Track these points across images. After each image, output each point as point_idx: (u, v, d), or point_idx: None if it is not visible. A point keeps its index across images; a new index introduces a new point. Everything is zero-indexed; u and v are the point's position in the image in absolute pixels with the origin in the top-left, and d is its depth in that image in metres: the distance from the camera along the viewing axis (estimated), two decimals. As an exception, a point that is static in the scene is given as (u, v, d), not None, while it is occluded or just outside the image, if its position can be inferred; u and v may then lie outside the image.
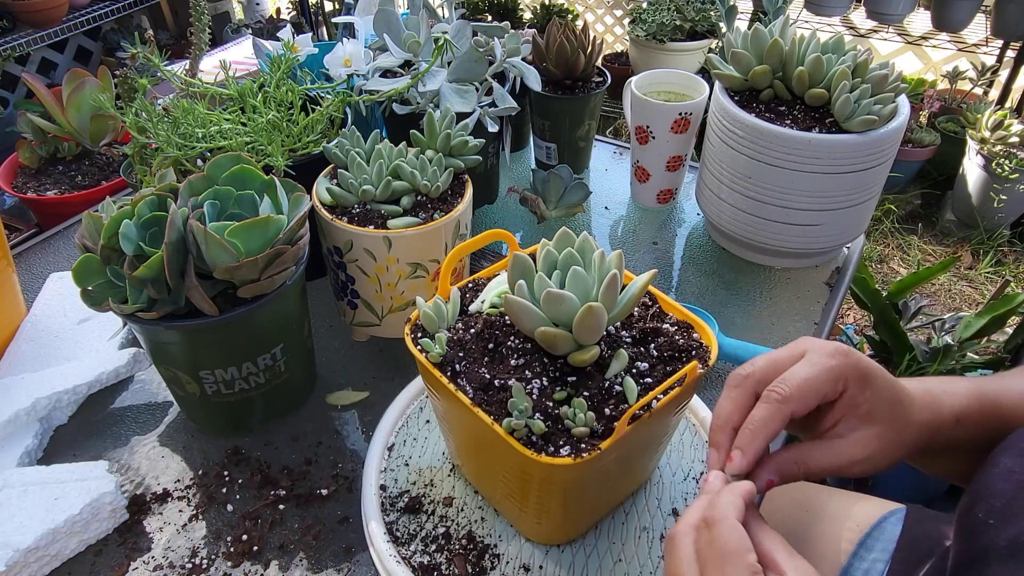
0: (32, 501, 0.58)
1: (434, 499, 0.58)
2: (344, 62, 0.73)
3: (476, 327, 0.51)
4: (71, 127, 1.21)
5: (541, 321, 0.46)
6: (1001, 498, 0.36)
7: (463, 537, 0.55)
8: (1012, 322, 1.30)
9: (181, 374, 0.62)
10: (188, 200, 0.59)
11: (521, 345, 0.50)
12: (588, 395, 0.47)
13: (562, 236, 0.50)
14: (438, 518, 0.57)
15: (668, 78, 0.95)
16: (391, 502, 0.58)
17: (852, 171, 0.75)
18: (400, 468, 0.61)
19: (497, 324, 0.52)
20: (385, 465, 0.61)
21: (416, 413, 0.65)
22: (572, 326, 0.46)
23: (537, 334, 0.46)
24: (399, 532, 0.56)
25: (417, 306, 0.51)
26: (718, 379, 0.74)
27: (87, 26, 2.24)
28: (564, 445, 0.44)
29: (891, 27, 2.43)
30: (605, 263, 0.48)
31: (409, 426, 0.64)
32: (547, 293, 0.45)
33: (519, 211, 0.98)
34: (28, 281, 0.89)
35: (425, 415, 0.65)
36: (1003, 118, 2.03)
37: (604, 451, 0.43)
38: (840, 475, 0.44)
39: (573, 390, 0.47)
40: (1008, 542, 0.34)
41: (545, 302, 0.45)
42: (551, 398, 0.46)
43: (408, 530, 0.56)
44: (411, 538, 0.55)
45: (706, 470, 0.44)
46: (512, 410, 0.45)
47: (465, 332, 0.51)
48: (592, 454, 0.43)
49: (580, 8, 2.92)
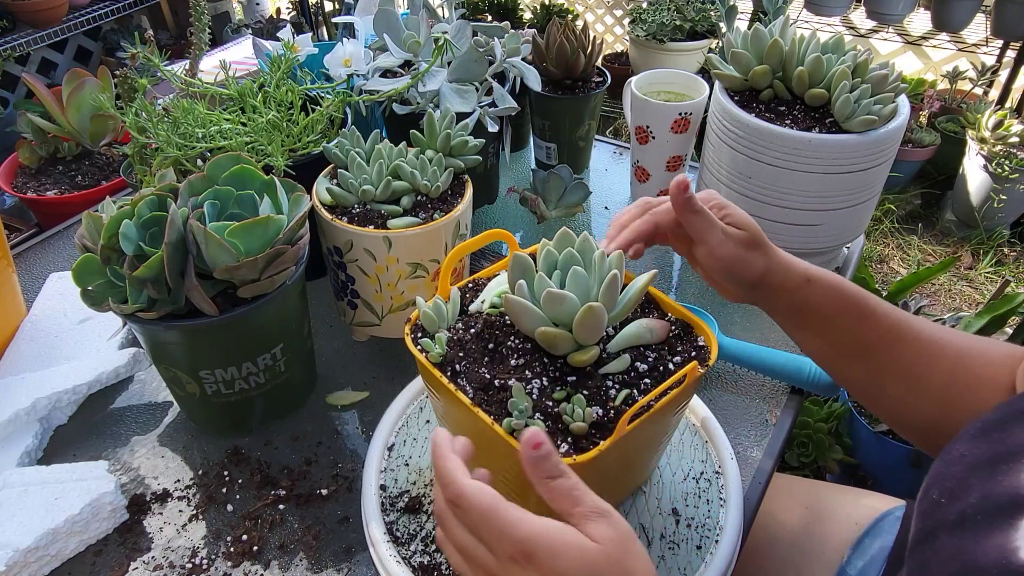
0: (32, 501, 0.58)
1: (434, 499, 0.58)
2: (344, 62, 0.73)
3: (476, 327, 0.51)
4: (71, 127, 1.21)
5: (541, 321, 0.46)
6: (952, 480, 0.39)
7: None
8: (1012, 322, 1.30)
9: (181, 374, 0.62)
10: (188, 200, 0.59)
11: (521, 345, 0.50)
12: (587, 394, 0.47)
13: (562, 236, 0.50)
14: None
15: (668, 78, 0.95)
16: (391, 502, 0.58)
17: (852, 171, 0.75)
18: (400, 468, 0.61)
19: (497, 324, 0.52)
20: (385, 465, 0.61)
21: (416, 413, 0.65)
22: (572, 326, 0.46)
23: (537, 334, 0.46)
24: (399, 532, 0.56)
25: (417, 306, 0.51)
26: (718, 379, 0.74)
27: (87, 26, 2.24)
28: (563, 444, 0.44)
29: (891, 27, 2.43)
30: (605, 263, 0.48)
31: (409, 426, 0.64)
32: (547, 293, 0.45)
33: (519, 211, 0.98)
34: (28, 281, 0.89)
35: (425, 415, 0.65)
36: (1003, 118, 2.03)
37: (604, 450, 0.43)
38: (702, 235, 0.52)
39: (572, 389, 0.47)
40: (956, 515, 0.37)
41: (545, 302, 0.46)
42: (551, 397, 0.46)
43: (408, 530, 0.56)
44: (411, 538, 0.55)
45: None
46: (512, 410, 0.45)
47: (465, 332, 0.51)
48: (592, 453, 0.43)
49: (580, 8, 2.92)
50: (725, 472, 0.60)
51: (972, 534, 0.35)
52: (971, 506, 0.36)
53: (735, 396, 0.72)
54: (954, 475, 0.39)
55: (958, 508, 0.37)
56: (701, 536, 0.56)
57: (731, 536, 0.55)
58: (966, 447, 0.40)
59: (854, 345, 0.54)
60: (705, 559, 0.54)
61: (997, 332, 1.29)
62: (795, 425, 1.00)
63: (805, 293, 0.54)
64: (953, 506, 0.38)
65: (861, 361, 0.55)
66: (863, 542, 0.68)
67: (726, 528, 0.56)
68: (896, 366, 0.53)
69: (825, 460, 1.33)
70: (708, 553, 0.55)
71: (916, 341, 0.53)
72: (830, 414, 1.38)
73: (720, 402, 0.72)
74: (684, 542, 0.56)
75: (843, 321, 0.54)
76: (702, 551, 0.55)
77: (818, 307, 0.54)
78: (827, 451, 1.33)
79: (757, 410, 0.71)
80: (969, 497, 0.37)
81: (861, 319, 0.54)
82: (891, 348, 0.53)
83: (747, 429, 0.69)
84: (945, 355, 0.52)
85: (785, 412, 0.70)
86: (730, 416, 0.70)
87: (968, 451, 0.40)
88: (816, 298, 0.54)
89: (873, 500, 0.73)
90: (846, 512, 0.72)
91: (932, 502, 0.40)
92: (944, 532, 0.37)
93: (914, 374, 0.53)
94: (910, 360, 0.53)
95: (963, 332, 0.55)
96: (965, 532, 0.36)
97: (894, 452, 1.30)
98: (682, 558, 0.55)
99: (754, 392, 0.73)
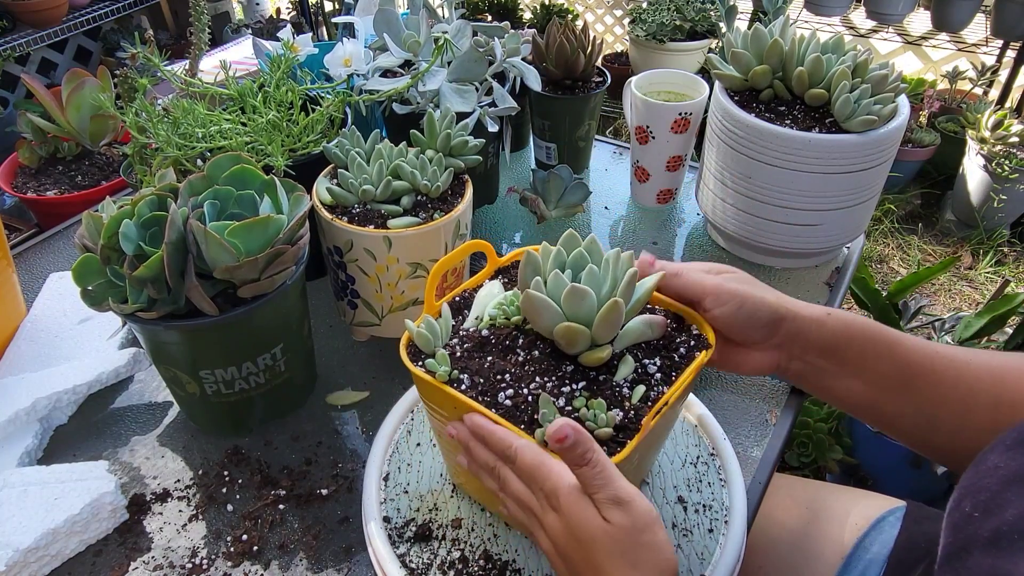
0: (32, 501, 0.58)
1: (442, 523, 0.56)
2: (344, 62, 0.73)
3: (472, 342, 0.51)
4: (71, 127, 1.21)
5: (560, 318, 0.47)
6: (986, 492, 0.38)
7: (480, 558, 0.54)
8: (1012, 322, 1.30)
9: (181, 374, 0.62)
10: (188, 200, 0.59)
11: (527, 356, 0.49)
12: (606, 397, 0.47)
13: (569, 237, 0.50)
14: (450, 542, 0.55)
15: (668, 78, 0.95)
16: (398, 533, 0.56)
17: (852, 171, 0.75)
18: (400, 496, 0.58)
19: (494, 337, 0.51)
20: (387, 469, 0.60)
21: (422, 415, 0.65)
22: (593, 322, 0.46)
23: (557, 331, 0.47)
24: (413, 564, 0.54)
25: (408, 329, 0.50)
26: (718, 378, 0.74)
27: (87, 26, 2.24)
28: None
29: (891, 27, 2.43)
30: (620, 261, 0.48)
31: (413, 431, 0.64)
32: (571, 288, 0.45)
33: (519, 211, 0.98)
34: (28, 281, 0.89)
35: (415, 438, 0.63)
36: (1003, 118, 2.03)
37: (634, 448, 0.44)
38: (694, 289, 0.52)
39: (588, 392, 0.47)
40: (990, 532, 0.36)
41: (567, 298, 0.46)
42: (570, 403, 0.46)
43: (422, 560, 0.54)
44: (427, 567, 0.53)
45: None
46: (543, 422, 0.44)
47: (461, 348, 0.50)
48: (622, 454, 0.43)
49: (580, 8, 2.92)
50: (720, 453, 0.60)
51: (1008, 554, 0.34)
52: (1007, 523, 0.35)
53: (735, 396, 0.72)
54: (988, 487, 0.38)
55: (993, 525, 0.36)
56: (711, 519, 0.56)
57: (739, 515, 0.56)
58: (1001, 458, 0.39)
59: (898, 377, 0.52)
60: (719, 541, 0.54)
61: (997, 332, 1.29)
62: (795, 425, 1.00)
63: (831, 327, 0.52)
64: (987, 522, 0.36)
65: (907, 395, 0.52)
66: (863, 542, 0.68)
67: (732, 507, 0.56)
68: (941, 394, 0.51)
69: (825, 460, 1.33)
70: (720, 535, 0.55)
71: (951, 365, 0.51)
72: (830, 414, 1.38)
73: (720, 402, 0.72)
74: (696, 527, 0.56)
75: (878, 352, 0.52)
76: (715, 533, 0.55)
77: (850, 342, 0.52)
78: (827, 451, 1.33)
79: (757, 410, 0.71)
80: (1005, 513, 0.36)
81: (892, 348, 0.52)
82: (931, 375, 0.51)
83: (747, 429, 0.69)
84: (984, 375, 0.51)
85: (785, 412, 0.70)
86: (730, 416, 0.70)
87: (1004, 462, 0.39)
88: (843, 331, 0.52)
89: (873, 500, 0.73)
90: (846, 512, 0.72)
91: (964, 515, 0.38)
92: (977, 549, 0.36)
93: (960, 399, 0.51)
94: (952, 384, 0.51)
95: (988, 351, 0.53)
96: (1001, 551, 0.34)
97: (894, 452, 1.29)
98: (697, 543, 0.55)
99: (754, 392, 0.73)
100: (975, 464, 0.41)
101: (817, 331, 0.52)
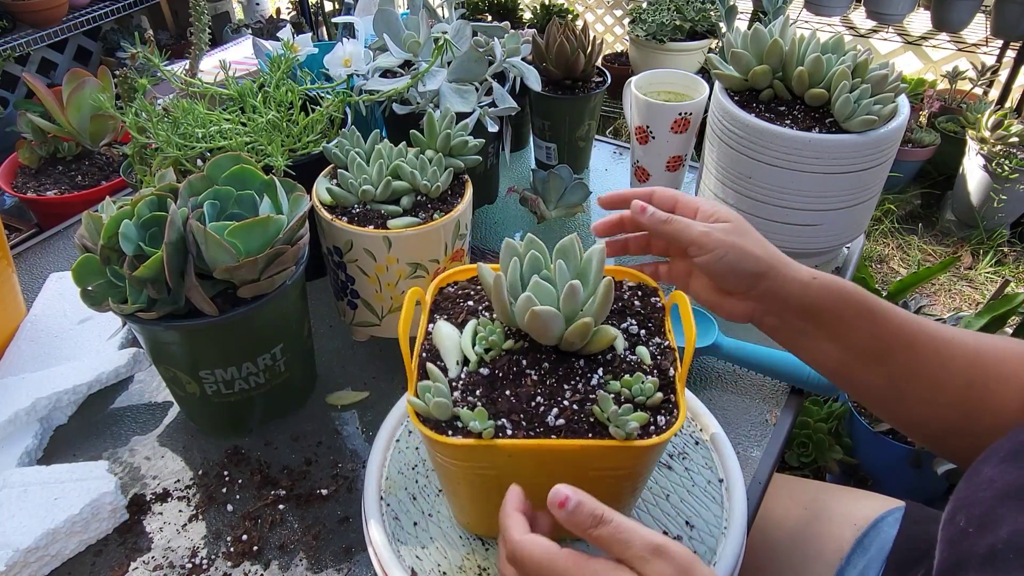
0: (32, 501, 0.58)
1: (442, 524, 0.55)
2: (344, 62, 0.73)
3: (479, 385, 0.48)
4: (71, 127, 1.21)
5: (564, 320, 0.47)
6: (981, 506, 0.37)
7: None
8: (1012, 322, 1.30)
9: (181, 374, 0.62)
10: (188, 200, 0.59)
11: (539, 373, 0.48)
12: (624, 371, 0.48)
13: (508, 248, 0.51)
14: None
15: (668, 78, 0.95)
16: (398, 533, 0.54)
17: (852, 171, 0.75)
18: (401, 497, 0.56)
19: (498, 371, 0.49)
20: (386, 472, 0.60)
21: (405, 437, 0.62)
22: (593, 312, 0.48)
23: (568, 333, 0.47)
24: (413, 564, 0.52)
25: (413, 405, 0.46)
26: (718, 378, 0.74)
27: (87, 26, 2.24)
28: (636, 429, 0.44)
29: (891, 27, 2.43)
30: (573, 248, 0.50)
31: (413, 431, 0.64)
32: (569, 286, 0.47)
33: (519, 211, 0.98)
34: (28, 281, 0.89)
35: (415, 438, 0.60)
36: (1003, 118, 2.03)
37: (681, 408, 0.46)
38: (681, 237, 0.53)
39: (610, 375, 0.48)
40: (986, 549, 0.35)
41: (565, 298, 0.47)
42: (605, 387, 0.47)
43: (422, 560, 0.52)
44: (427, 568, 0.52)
45: None
46: (616, 423, 0.44)
47: (473, 396, 0.47)
48: (680, 418, 0.45)
49: (580, 8, 2.92)
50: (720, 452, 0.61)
51: (1004, 573, 0.34)
52: (1002, 541, 0.35)
53: (735, 396, 0.72)
54: (983, 501, 0.38)
55: (988, 542, 0.35)
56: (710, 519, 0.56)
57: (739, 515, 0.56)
58: (995, 470, 0.39)
59: (873, 347, 0.52)
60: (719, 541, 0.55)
61: (997, 332, 1.29)
62: (795, 425, 1.00)
63: (815, 290, 0.51)
64: (983, 538, 0.36)
65: (881, 365, 0.52)
66: (863, 543, 0.68)
67: (732, 507, 0.56)
68: (915, 368, 0.51)
69: (825, 460, 1.33)
70: (720, 535, 0.55)
71: (931, 340, 0.51)
72: (830, 414, 1.39)
73: (720, 402, 0.72)
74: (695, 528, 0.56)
75: (858, 320, 0.51)
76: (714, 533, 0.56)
77: (830, 306, 0.51)
78: (827, 451, 1.33)
79: (757, 410, 0.71)
80: (1000, 530, 0.35)
81: (874, 318, 0.51)
82: (908, 349, 0.51)
83: (747, 429, 0.69)
84: (961, 354, 0.50)
85: (785, 412, 0.71)
86: (730, 416, 0.70)
87: (998, 475, 0.38)
88: (825, 296, 0.51)
89: (873, 500, 0.73)
90: (846, 512, 0.72)
91: (959, 530, 0.38)
92: (973, 568, 0.35)
93: (933, 375, 0.51)
94: (928, 360, 0.51)
95: (973, 331, 0.53)
96: (997, 571, 0.34)
97: (894, 452, 1.30)
98: (697, 543, 0.55)
99: (754, 392, 0.73)
100: (968, 475, 0.40)
101: (799, 292, 0.52)
